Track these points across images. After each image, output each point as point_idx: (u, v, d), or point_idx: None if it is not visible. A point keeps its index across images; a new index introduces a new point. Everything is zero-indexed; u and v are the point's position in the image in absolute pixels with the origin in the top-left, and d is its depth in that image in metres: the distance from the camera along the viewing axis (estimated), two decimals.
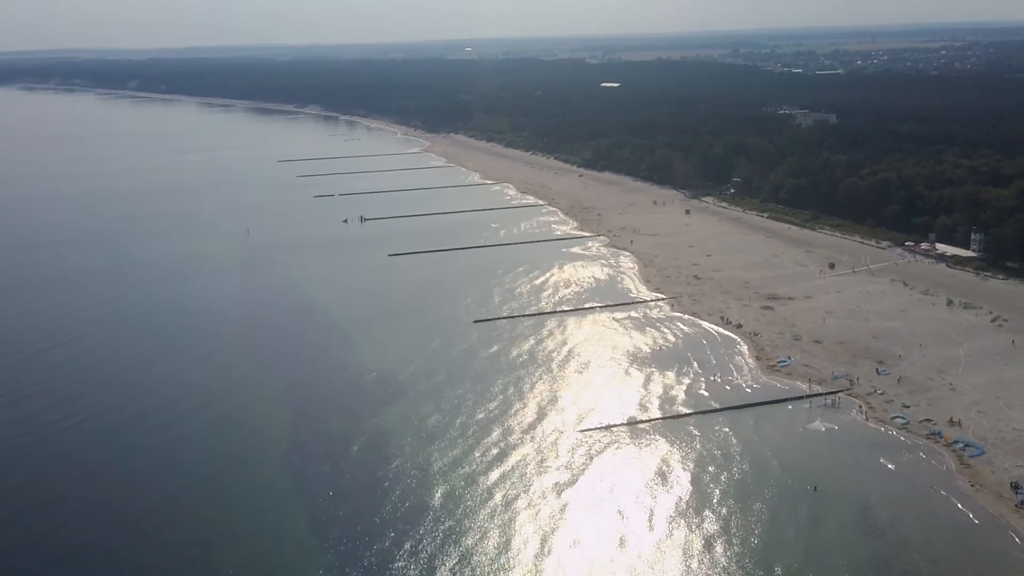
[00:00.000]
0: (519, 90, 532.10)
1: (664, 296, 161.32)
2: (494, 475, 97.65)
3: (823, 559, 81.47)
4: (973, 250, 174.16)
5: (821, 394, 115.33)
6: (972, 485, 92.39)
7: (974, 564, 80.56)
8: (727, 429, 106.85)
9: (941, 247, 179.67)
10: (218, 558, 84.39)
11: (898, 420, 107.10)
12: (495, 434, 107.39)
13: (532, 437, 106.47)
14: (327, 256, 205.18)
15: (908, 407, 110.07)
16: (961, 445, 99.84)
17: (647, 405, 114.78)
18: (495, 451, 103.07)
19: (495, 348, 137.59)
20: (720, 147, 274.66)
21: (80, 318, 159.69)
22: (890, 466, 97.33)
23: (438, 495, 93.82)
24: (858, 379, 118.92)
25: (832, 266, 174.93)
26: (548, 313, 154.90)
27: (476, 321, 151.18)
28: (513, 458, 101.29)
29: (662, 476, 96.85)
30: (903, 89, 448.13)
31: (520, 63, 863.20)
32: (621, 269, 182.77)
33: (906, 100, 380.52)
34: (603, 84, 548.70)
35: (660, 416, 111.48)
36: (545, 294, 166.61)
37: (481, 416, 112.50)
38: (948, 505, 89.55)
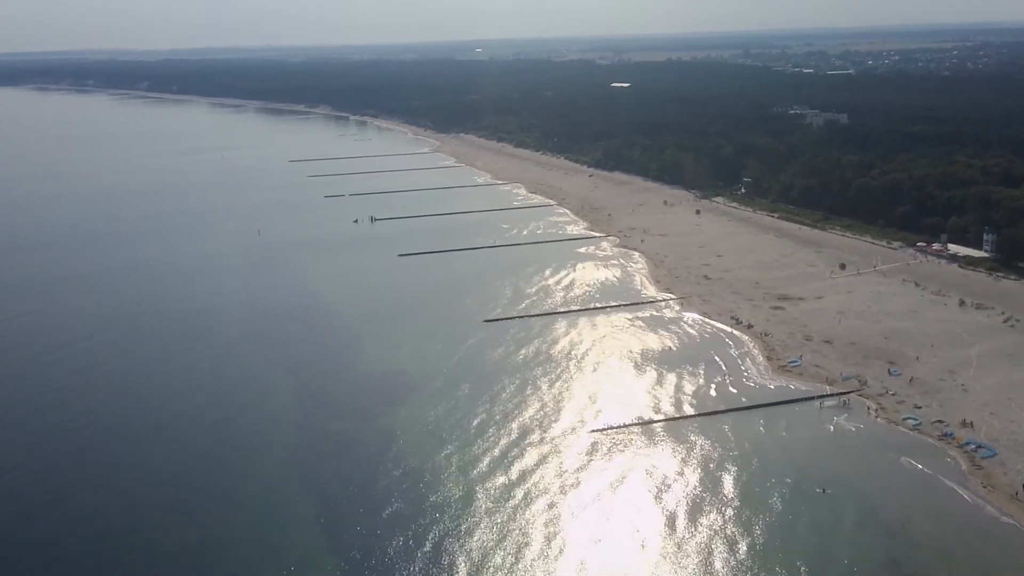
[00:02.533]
0: (529, 90, 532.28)
1: (674, 296, 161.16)
2: (508, 476, 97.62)
3: (833, 561, 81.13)
4: (985, 250, 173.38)
5: (832, 395, 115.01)
6: (984, 487, 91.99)
7: (986, 566, 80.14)
8: (737, 430, 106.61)
9: (953, 247, 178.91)
10: (227, 558, 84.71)
11: (910, 421, 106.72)
12: (508, 434, 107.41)
13: (542, 438, 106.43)
14: (337, 256, 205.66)
15: (920, 408, 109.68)
16: (973, 446, 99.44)
17: (657, 406, 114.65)
18: (508, 451, 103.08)
19: (506, 348, 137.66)
20: (730, 147, 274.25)
21: (96, 318, 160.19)
22: (902, 467, 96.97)
23: (450, 495, 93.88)
24: (869, 380, 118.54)
25: (843, 266, 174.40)
26: (558, 313, 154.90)
27: (486, 321, 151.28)
28: (525, 459, 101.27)
29: (672, 477, 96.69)
30: (914, 89, 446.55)
31: (530, 64, 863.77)
32: (631, 269, 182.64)
33: (917, 100, 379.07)
34: (613, 84, 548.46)
35: (670, 417, 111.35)
36: (555, 294, 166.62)
37: (493, 416, 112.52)
38: (960, 507, 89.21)
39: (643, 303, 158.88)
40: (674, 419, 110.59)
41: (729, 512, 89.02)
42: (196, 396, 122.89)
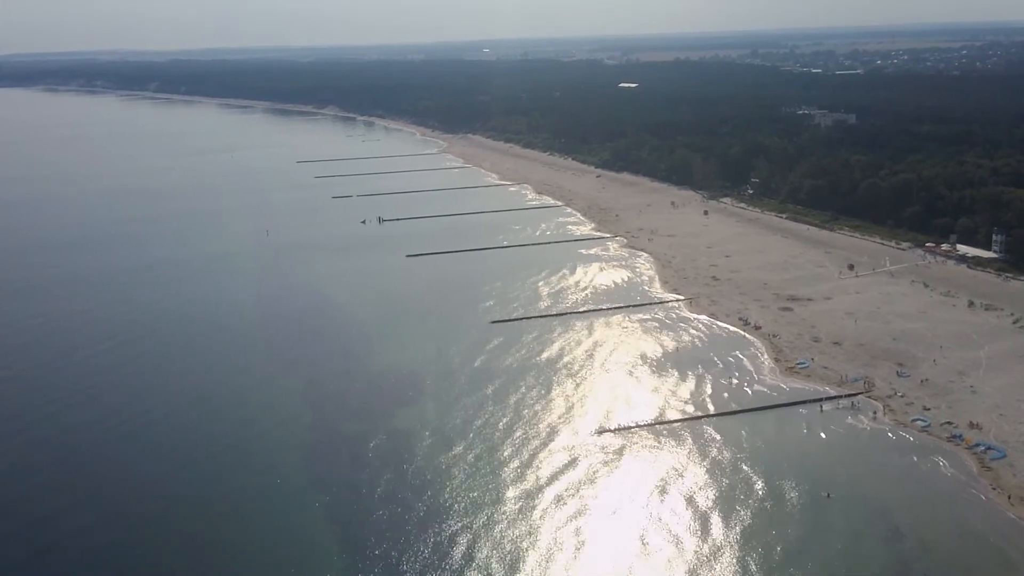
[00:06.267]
0: (537, 91, 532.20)
1: (682, 297, 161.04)
2: (518, 476, 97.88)
3: (841, 563, 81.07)
4: (994, 251, 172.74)
5: (840, 396, 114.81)
6: (993, 488, 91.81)
7: (996, 568, 79.98)
8: (744, 432, 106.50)
9: (962, 248, 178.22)
10: (238, 558, 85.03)
11: (918, 423, 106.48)
12: (516, 435, 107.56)
13: (549, 440, 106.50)
14: (345, 257, 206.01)
15: (929, 409, 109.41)
16: (982, 448, 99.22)
17: (663, 408, 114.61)
18: (517, 452, 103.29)
19: (513, 349, 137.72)
20: (738, 148, 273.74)
21: (108, 320, 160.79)
22: (910, 469, 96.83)
23: (456, 496, 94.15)
24: (877, 381, 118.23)
25: (851, 267, 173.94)
26: (566, 314, 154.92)
27: (494, 322, 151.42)
28: (531, 460, 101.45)
29: (678, 480, 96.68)
30: (924, 89, 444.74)
31: (538, 64, 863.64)
32: (639, 270, 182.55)
33: (927, 100, 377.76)
34: (621, 84, 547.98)
35: (677, 419, 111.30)
36: (563, 295, 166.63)
37: (499, 418, 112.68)
38: (969, 508, 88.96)
39: (651, 304, 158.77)
40: (681, 421, 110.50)
41: (734, 515, 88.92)
42: (208, 397, 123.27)
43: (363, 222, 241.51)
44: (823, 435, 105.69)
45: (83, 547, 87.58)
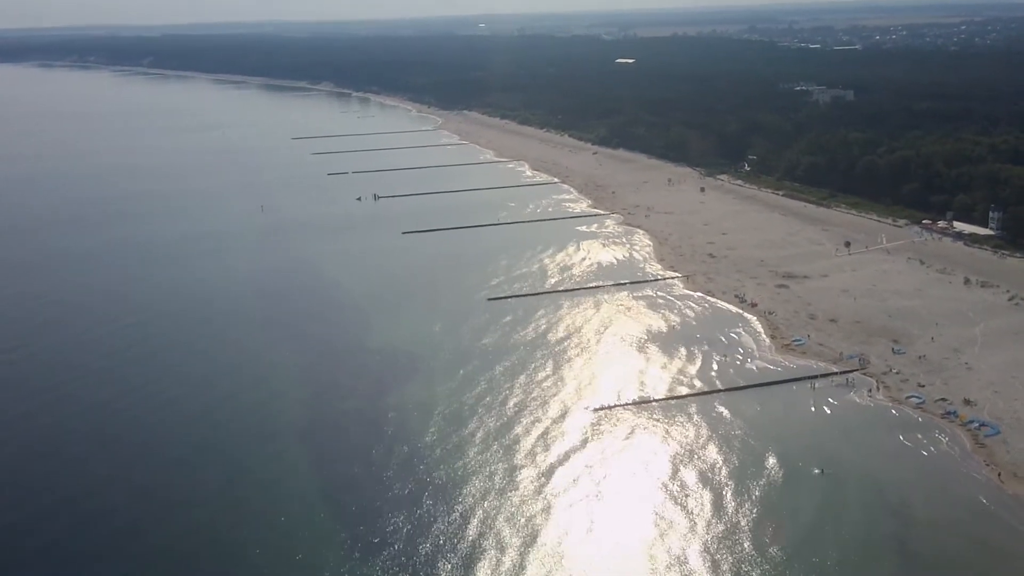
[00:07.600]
0: (533, 67, 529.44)
1: (679, 274, 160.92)
2: (514, 455, 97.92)
3: (832, 539, 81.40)
4: (991, 228, 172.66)
5: (836, 373, 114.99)
6: (987, 465, 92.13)
7: (990, 544, 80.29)
8: (740, 409, 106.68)
9: (959, 225, 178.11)
10: (240, 539, 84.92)
11: (913, 399, 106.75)
12: (512, 414, 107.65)
13: (546, 417, 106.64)
14: (341, 234, 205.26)
15: (923, 386, 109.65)
16: (976, 425, 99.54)
17: (661, 385, 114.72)
18: (514, 431, 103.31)
19: (510, 327, 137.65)
20: (736, 124, 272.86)
21: (104, 298, 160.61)
22: (904, 445, 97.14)
23: (457, 474, 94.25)
24: (873, 358, 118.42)
25: (848, 244, 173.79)
26: (562, 291, 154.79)
27: (490, 299, 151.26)
28: (530, 438, 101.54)
29: (675, 457, 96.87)
30: (922, 65, 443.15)
31: (534, 39, 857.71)
32: (636, 247, 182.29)
33: (925, 76, 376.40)
34: (618, 61, 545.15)
35: (673, 396, 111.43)
36: (559, 272, 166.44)
37: (497, 396, 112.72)
38: (963, 485, 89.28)
39: (647, 281, 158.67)
40: (677, 398, 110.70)
41: (727, 491, 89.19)
42: (218, 378, 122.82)
43: (358, 199, 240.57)
44: (818, 412, 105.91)
45: (103, 530, 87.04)
